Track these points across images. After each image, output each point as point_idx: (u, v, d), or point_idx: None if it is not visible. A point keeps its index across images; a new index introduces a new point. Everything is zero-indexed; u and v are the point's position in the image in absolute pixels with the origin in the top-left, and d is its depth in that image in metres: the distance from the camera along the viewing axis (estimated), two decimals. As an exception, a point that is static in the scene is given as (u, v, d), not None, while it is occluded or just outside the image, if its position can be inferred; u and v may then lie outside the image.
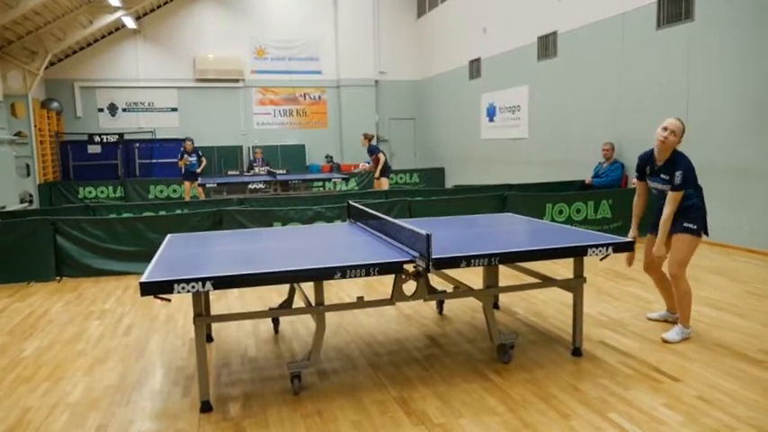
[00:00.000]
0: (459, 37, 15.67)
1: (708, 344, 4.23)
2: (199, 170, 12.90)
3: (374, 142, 12.29)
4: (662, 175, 4.25)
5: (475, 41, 14.66)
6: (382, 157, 11.45)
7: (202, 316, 3.36)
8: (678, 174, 4.12)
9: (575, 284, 4.03)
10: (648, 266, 4.59)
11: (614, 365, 3.87)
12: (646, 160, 4.43)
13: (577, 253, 3.86)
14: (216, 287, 3.11)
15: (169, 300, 3.22)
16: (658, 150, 4.27)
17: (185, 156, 12.79)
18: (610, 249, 3.79)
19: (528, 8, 12.35)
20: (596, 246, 3.76)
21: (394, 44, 18.62)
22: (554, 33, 11.45)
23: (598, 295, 5.58)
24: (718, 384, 3.54)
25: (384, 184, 11.41)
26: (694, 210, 4.27)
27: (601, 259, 3.89)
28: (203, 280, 3.06)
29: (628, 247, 3.92)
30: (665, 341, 4.26)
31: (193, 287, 3.04)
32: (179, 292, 3.03)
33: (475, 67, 14.88)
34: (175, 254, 3.91)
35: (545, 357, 4.04)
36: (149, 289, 3.02)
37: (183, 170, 12.97)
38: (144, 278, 3.09)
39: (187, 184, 12.96)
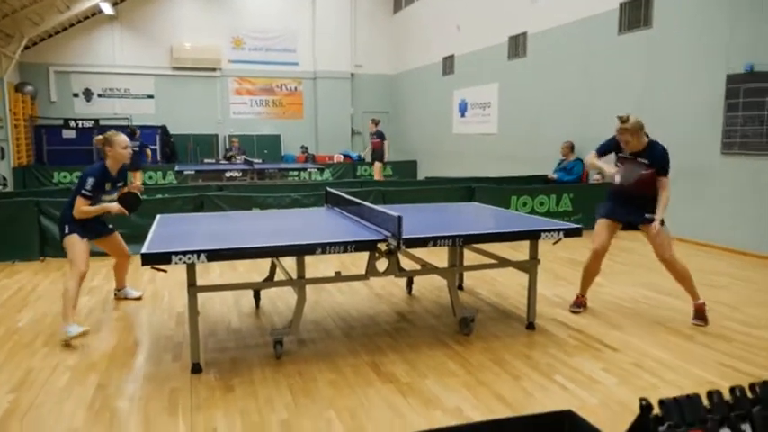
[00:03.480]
0: (433, 34, 16.08)
1: (648, 322, 4.73)
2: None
3: (380, 127, 13.47)
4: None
5: (449, 39, 15.09)
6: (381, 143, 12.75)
7: (195, 286, 3.72)
8: None
9: (529, 265, 4.49)
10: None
11: (563, 338, 4.34)
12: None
13: (532, 236, 4.33)
14: (210, 259, 3.47)
15: (165, 270, 3.57)
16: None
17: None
18: (561, 234, 4.24)
19: (500, 8, 12.82)
20: (549, 230, 4.22)
21: (370, 38, 18.96)
22: (524, 34, 11.94)
23: (555, 280, 6.06)
24: (651, 353, 4.03)
25: (377, 169, 12.58)
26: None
27: (553, 243, 4.34)
28: (198, 252, 3.42)
29: (576, 233, 4.36)
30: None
31: (189, 258, 3.39)
32: (176, 263, 3.38)
33: (448, 64, 15.31)
34: (168, 231, 4.24)
35: (502, 331, 4.50)
36: (149, 259, 3.37)
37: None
38: (144, 249, 3.44)
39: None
